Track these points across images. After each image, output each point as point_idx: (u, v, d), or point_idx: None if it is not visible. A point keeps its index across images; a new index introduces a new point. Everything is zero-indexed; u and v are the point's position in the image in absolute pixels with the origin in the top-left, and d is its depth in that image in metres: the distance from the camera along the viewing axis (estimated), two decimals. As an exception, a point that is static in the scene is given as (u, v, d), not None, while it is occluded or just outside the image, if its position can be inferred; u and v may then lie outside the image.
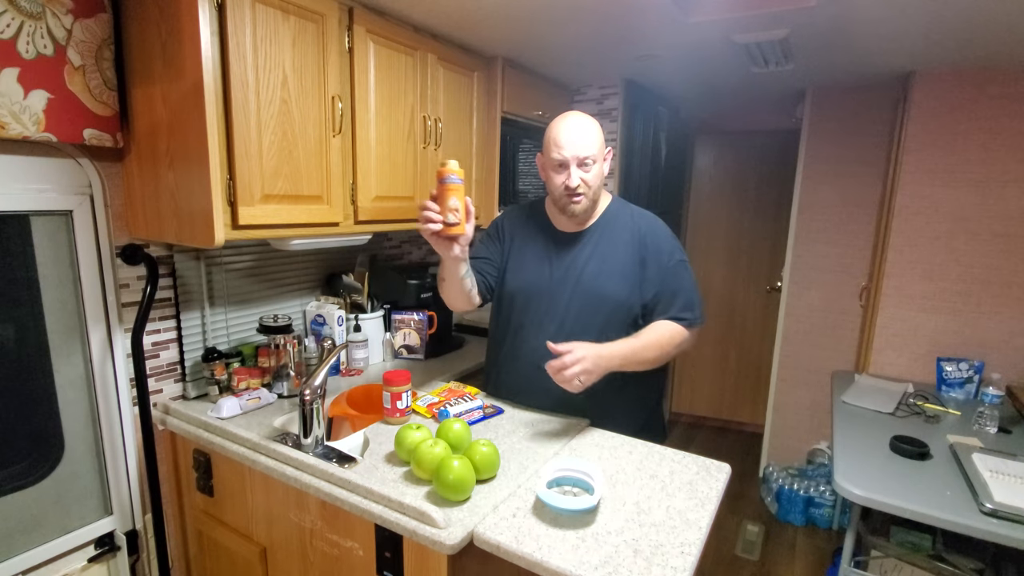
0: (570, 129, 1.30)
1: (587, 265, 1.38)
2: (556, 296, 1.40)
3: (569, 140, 1.29)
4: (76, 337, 1.38)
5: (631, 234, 1.39)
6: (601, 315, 1.36)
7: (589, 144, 1.30)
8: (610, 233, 1.40)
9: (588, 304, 1.36)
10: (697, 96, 2.98)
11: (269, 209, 1.34)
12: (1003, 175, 2.14)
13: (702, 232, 3.64)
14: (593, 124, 1.33)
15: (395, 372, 1.38)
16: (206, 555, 1.51)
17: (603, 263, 1.37)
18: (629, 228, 1.40)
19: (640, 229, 1.40)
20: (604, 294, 1.36)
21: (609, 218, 1.43)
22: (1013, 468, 1.51)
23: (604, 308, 1.36)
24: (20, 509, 1.31)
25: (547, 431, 1.37)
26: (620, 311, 1.36)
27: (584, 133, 1.30)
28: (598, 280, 1.37)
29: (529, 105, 2.29)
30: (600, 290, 1.36)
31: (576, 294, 1.37)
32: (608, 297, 1.36)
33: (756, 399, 3.54)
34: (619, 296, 1.36)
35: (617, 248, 1.38)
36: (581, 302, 1.37)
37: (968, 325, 2.25)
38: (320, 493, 1.12)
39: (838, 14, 1.58)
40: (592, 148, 1.30)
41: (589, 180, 1.32)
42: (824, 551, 2.42)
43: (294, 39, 1.35)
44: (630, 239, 1.39)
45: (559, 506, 1.01)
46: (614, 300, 1.36)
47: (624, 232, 1.40)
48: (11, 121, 1.13)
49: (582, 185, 1.31)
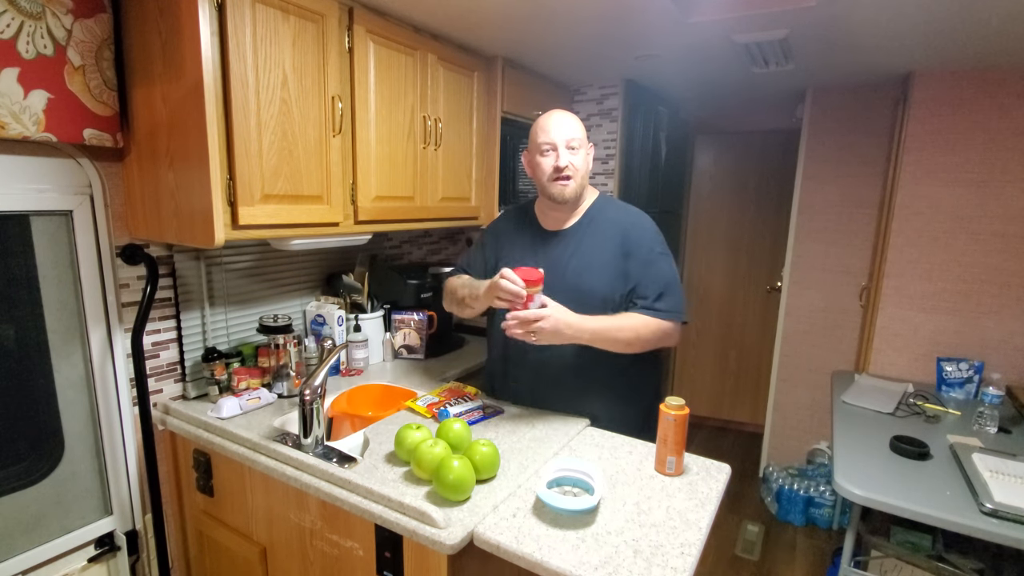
0: (555, 117, 1.38)
1: (571, 261, 1.41)
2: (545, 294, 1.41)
3: (555, 125, 1.37)
4: (76, 337, 1.38)
5: (615, 229, 1.40)
6: (585, 310, 1.36)
7: (574, 129, 1.37)
8: (594, 229, 1.42)
9: (572, 300, 1.36)
10: (697, 96, 2.98)
11: (269, 209, 1.34)
12: (1003, 175, 2.14)
13: (702, 232, 3.64)
14: (574, 115, 1.41)
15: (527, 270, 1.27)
16: (206, 555, 1.51)
17: (586, 259, 1.40)
18: (613, 223, 1.42)
19: (623, 224, 1.41)
20: (587, 289, 1.38)
21: (594, 214, 1.45)
22: (1013, 468, 1.51)
23: (588, 303, 1.36)
24: (20, 509, 1.31)
25: (547, 431, 1.37)
26: (603, 306, 1.37)
27: (569, 119, 1.38)
28: (581, 276, 1.39)
29: (529, 105, 2.29)
30: (583, 285, 1.38)
31: (560, 290, 1.38)
32: (590, 292, 1.37)
33: (756, 399, 3.54)
34: (602, 291, 1.38)
35: (600, 244, 1.40)
36: (565, 298, 1.37)
37: (968, 325, 2.25)
38: (320, 493, 1.12)
39: (838, 14, 1.58)
40: (577, 132, 1.37)
41: (577, 163, 1.37)
42: (824, 551, 2.42)
43: (294, 39, 1.35)
44: (614, 234, 1.40)
45: (559, 506, 1.01)
46: (597, 295, 1.37)
47: (609, 227, 1.41)
48: (11, 121, 1.13)
49: (570, 167, 1.36)
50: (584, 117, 2.62)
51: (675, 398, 1.17)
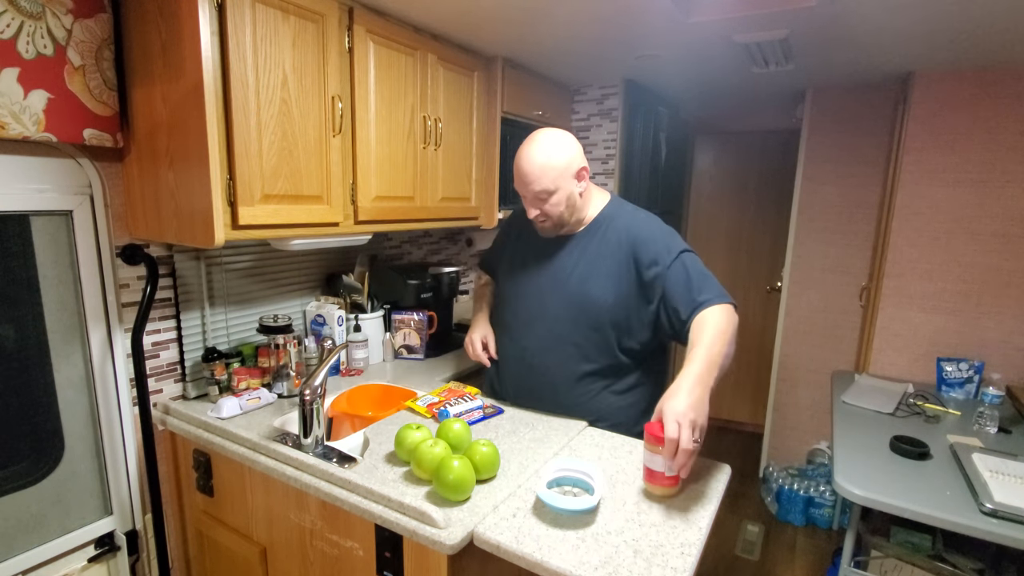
0: (526, 162, 1.32)
1: (575, 268, 1.39)
2: (544, 297, 1.41)
3: (524, 174, 1.33)
4: (76, 337, 1.38)
5: (625, 238, 1.36)
6: (587, 317, 1.36)
7: (540, 179, 1.30)
8: (601, 236, 1.39)
9: (574, 306, 1.36)
10: (697, 96, 2.98)
11: (269, 209, 1.34)
12: (1003, 175, 2.14)
13: (702, 232, 3.64)
14: (551, 152, 1.30)
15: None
16: (206, 555, 1.51)
17: (591, 267, 1.37)
18: (623, 231, 1.37)
19: (633, 234, 1.36)
20: (590, 297, 1.35)
21: (602, 221, 1.41)
22: (1013, 468, 1.51)
23: (590, 311, 1.35)
24: (20, 509, 1.31)
25: (547, 431, 1.37)
26: (605, 314, 1.35)
27: (538, 166, 1.30)
28: (585, 284, 1.36)
29: (529, 105, 2.29)
30: (587, 293, 1.36)
31: (563, 297, 1.38)
32: (593, 300, 1.35)
33: (756, 399, 3.54)
34: (605, 300, 1.34)
35: (608, 252, 1.36)
36: (567, 304, 1.37)
37: (968, 325, 2.25)
38: (320, 493, 1.12)
39: (838, 14, 1.58)
40: (544, 183, 1.30)
41: (548, 210, 1.35)
42: (824, 551, 2.42)
43: (294, 39, 1.35)
44: (622, 243, 1.35)
45: (559, 506, 1.01)
46: (599, 304, 1.34)
47: (617, 236, 1.37)
48: (11, 121, 1.13)
49: (540, 215, 1.36)
50: (584, 117, 2.63)
51: None
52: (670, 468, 1.05)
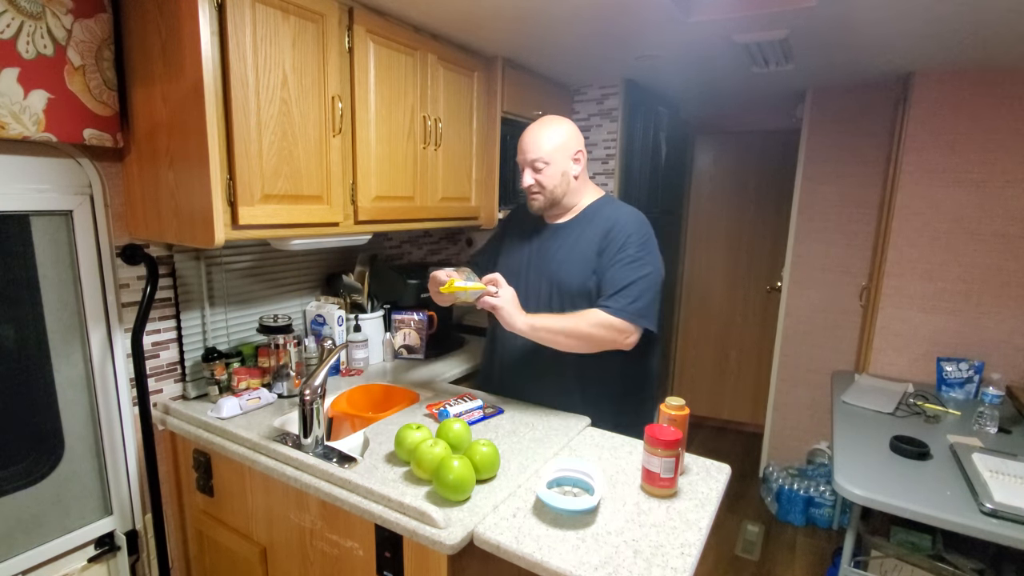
0: (528, 135, 1.42)
1: (557, 253, 1.47)
2: (531, 281, 1.49)
3: (524, 144, 1.42)
4: (76, 337, 1.38)
5: (603, 225, 1.42)
6: (564, 299, 1.44)
7: (540, 147, 1.39)
8: (586, 225, 1.46)
9: (553, 289, 1.45)
10: (697, 96, 2.98)
11: (269, 209, 1.34)
12: (1003, 175, 2.14)
13: (702, 232, 3.64)
14: (551, 129, 1.41)
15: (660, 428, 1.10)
16: (206, 555, 1.51)
17: (570, 252, 1.45)
18: (604, 219, 1.44)
19: (609, 221, 1.42)
20: (564, 280, 1.44)
21: (590, 213, 1.48)
22: (1013, 468, 1.51)
23: (566, 293, 1.43)
24: (20, 509, 1.31)
25: (547, 431, 1.37)
26: (579, 297, 1.41)
27: (537, 138, 1.40)
28: (562, 267, 1.45)
29: (529, 105, 2.29)
30: (563, 276, 1.44)
31: (545, 280, 1.47)
32: (566, 283, 1.43)
33: (756, 399, 3.54)
34: (575, 283, 1.42)
35: (586, 238, 1.44)
36: (549, 287, 1.46)
37: (968, 325, 2.25)
38: (320, 493, 1.12)
39: (838, 14, 1.58)
40: (542, 151, 1.39)
41: (542, 180, 1.41)
42: (824, 551, 2.42)
43: (294, 39, 1.35)
44: (599, 230, 1.42)
45: (559, 506, 1.01)
46: (571, 286, 1.43)
47: (599, 223, 1.44)
48: (11, 121, 1.13)
49: (534, 185, 1.42)
50: (584, 117, 2.62)
51: (675, 398, 1.17)
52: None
